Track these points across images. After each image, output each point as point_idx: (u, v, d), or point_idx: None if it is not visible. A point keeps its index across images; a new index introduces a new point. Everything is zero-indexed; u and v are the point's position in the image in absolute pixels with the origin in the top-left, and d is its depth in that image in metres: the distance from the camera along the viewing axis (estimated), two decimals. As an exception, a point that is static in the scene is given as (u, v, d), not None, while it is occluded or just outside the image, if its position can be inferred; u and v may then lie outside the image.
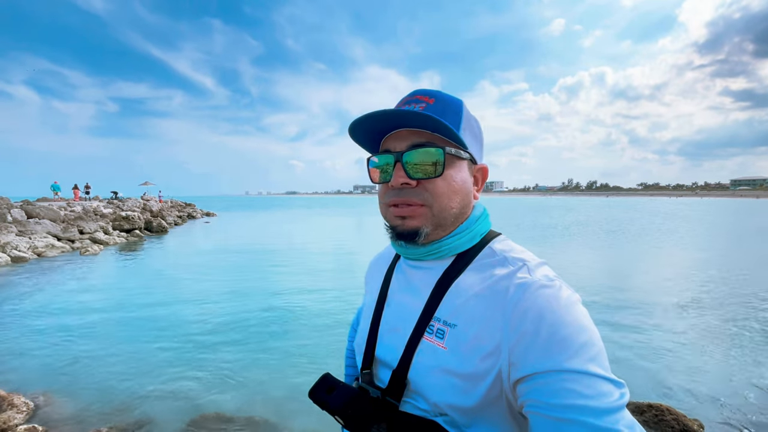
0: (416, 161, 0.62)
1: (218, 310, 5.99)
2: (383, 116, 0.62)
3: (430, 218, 0.64)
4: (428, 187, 0.63)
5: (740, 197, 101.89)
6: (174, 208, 29.04)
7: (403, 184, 0.63)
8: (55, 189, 24.80)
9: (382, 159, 0.66)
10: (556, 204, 60.84)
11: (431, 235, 0.65)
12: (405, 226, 0.64)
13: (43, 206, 14.75)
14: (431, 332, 0.62)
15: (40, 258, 10.65)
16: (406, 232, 0.64)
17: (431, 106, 0.64)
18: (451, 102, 0.66)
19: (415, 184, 0.63)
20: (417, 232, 0.64)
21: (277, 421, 3.13)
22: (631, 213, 33.74)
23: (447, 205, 0.64)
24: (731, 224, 22.37)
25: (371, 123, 0.64)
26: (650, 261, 10.37)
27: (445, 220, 0.65)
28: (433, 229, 0.65)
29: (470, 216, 0.69)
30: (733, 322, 5.36)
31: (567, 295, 0.55)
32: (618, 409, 0.47)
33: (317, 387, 0.67)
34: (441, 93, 0.67)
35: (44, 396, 3.46)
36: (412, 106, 0.64)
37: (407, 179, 0.62)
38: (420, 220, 0.64)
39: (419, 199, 0.63)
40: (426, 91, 0.67)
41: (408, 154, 0.62)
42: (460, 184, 0.65)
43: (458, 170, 0.65)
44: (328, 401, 0.64)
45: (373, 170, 0.69)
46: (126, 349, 4.52)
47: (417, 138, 0.63)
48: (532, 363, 0.51)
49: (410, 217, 0.64)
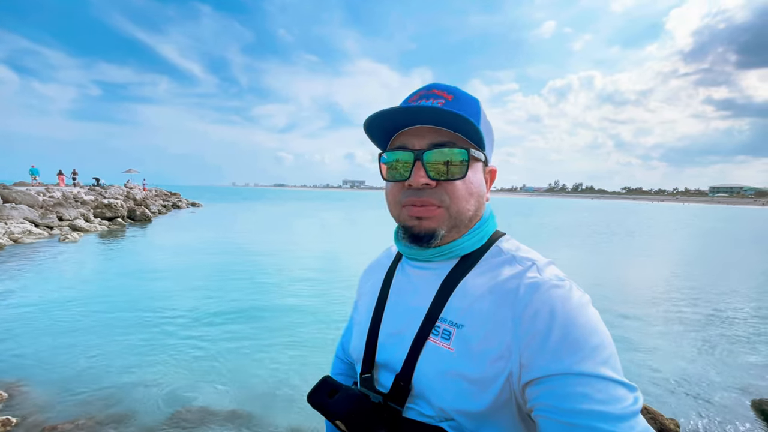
0: (438, 161, 0.59)
1: (202, 303, 5.89)
2: (406, 112, 0.59)
3: (446, 220, 0.62)
4: (448, 189, 0.60)
5: (718, 203, 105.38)
6: (158, 197, 28.42)
7: (424, 184, 0.60)
8: (34, 173, 24.01)
9: (398, 156, 0.62)
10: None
11: (447, 236, 0.63)
12: (422, 227, 0.62)
13: (20, 191, 14.23)
14: (437, 334, 0.59)
15: (17, 244, 10.30)
16: (422, 233, 0.62)
17: (450, 102, 0.61)
18: (470, 100, 0.63)
19: (434, 184, 0.60)
20: (433, 234, 0.61)
21: (260, 415, 3.10)
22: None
23: (464, 207, 0.62)
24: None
25: (388, 118, 0.61)
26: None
27: (460, 222, 0.63)
28: (448, 231, 0.63)
29: (481, 218, 0.67)
30: (708, 321, 5.54)
31: (578, 295, 0.53)
32: (632, 416, 0.46)
33: (317, 390, 0.63)
34: (459, 90, 0.64)
35: (19, 386, 3.35)
36: (430, 102, 0.61)
37: (428, 179, 0.59)
38: (436, 221, 0.61)
39: (438, 201, 0.61)
40: (443, 86, 0.64)
41: (429, 153, 0.59)
42: (476, 186, 0.63)
43: (475, 172, 0.63)
44: (330, 406, 0.61)
45: (384, 167, 0.66)
46: (106, 340, 4.41)
47: (438, 136, 0.60)
48: (544, 365, 0.49)
49: (427, 218, 0.61)
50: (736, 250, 14.06)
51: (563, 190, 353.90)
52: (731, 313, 6.05)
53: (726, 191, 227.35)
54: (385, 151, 0.65)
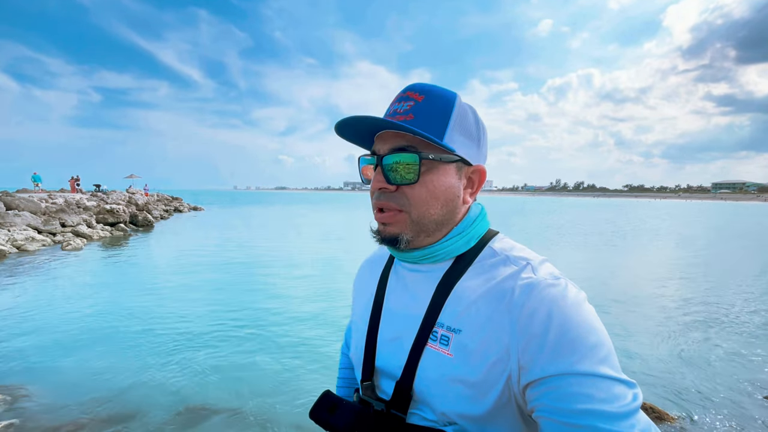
0: (394, 166, 0.60)
1: (205, 305, 5.91)
2: (358, 122, 0.60)
3: (409, 225, 0.62)
4: (406, 193, 0.61)
5: (721, 200, 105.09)
6: (160, 201, 28.52)
7: (381, 188, 0.62)
8: (36, 180, 24.11)
9: (366, 160, 0.66)
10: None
11: (415, 241, 0.63)
12: (385, 232, 0.63)
13: (23, 197, 14.30)
14: (435, 339, 0.59)
15: (20, 252, 10.33)
16: (387, 237, 0.63)
17: (419, 104, 0.61)
18: (442, 99, 0.62)
19: (394, 189, 0.61)
20: (397, 239, 0.62)
21: (262, 414, 3.11)
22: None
23: (426, 211, 0.61)
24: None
25: (356, 125, 0.62)
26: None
27: (425, 227, 0.62)
28: (414, 235, 0.63)
29: (465, 218, 0.66)
30: (699, 314, 5.53)
31: (574, 293, 0.53)
32: (632, 413, 0.46)
33: (318, 406, 0.64)
34: (434, 89, 0.63)
35: (22, 389, 3.36)
36: (402, 104, 0.62)
37: (385, 184, 0.61)
38: (399, 226, 0.62)
39: (397, 204, 0.61)
40: (418, 87, 0.63)
41: (387, 158, 0.61)
42: (441, 189, 0.61)
43: (441, 175, 0.61)
44: (331, 422, 0.61)
45: (363, 169, 0.68)
46: (109, 343, 4.43)
47: (399, 141, 0.60)
48: (543, 366, 0.49)
49: (390, 224, 0.63)
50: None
51: (565, 189, 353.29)
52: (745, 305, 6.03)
53: (728, 187, 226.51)
54: (365, 155, 0.67)
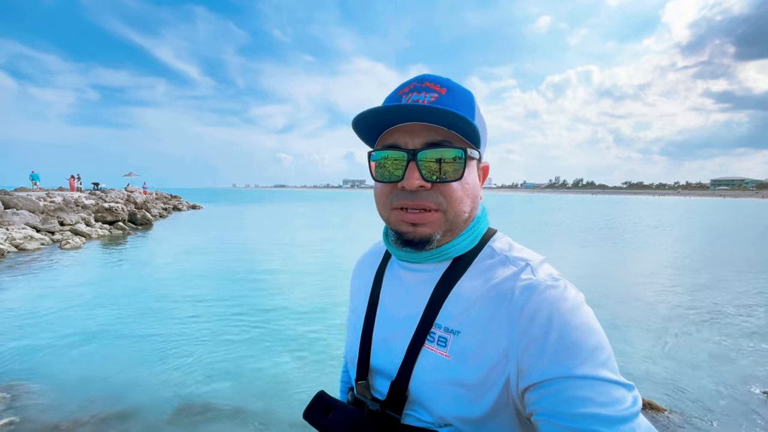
0: (433, 161, 0.56)
1: (205, 304, 5.91)
2: (397, 109, 0.55)
3: (442, 224, 0.59)
4: (444, 191, 0.57)
5: (720, 197, 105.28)
6: (159, 200, 28.46)
7: (420, 186, 0.56)
8: (34, 179, 24.03)
9: (389, 155, 0.59)
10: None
11: (441, 241, 0.61)
12: (416, 233, 0.59)
13: (21, 196, 14.26)
14: (432, 340, 0.58)
15: (19, 251, 10.31)
16: (417, 240, 0.59)
17: (443, 97, 0.57)
18: (464, 94, 0.59)
19: (430, 186, 0.57)
20: (429, 240, 0.59)
21: (263, 411, 3.12)
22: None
23: (461, 209, 0.59)
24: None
25: (379, 115, 0.57)
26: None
27: (456, 225, 0.60)
28: (443, 235, 0.60)
29: (475, 217, 0.64)
30: (698, 309, 5.54)
31: (573, 295, 0.53)
32: (633, 417, 0.45)
33: (312, 408, 0.63)
34: (451, 82, 0.60)
35: (22, 387, 3.37)
36: (422, 96, 0.58)
37: (423, 181, 0.56)
38: (433, 226, 0.59)
39: (434, 203, 0.57)
40: (436, 78, 0.59)
41: (424, 153, 0.56)
42: (472, 186, 0.60)
43: (471, 172, 0.60)
44: (325, 424, 0.60)
45: (374, 165, 0.61)
46: (109, 342, 4.43)
47: (432, 135, 0.56)
48: (542, 370, 0.48)
49: (423, 224, 0.58)
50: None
51: (564, 186, 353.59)
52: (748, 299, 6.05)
53: (727, 184, 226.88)
54: (375, 150, 0.61)
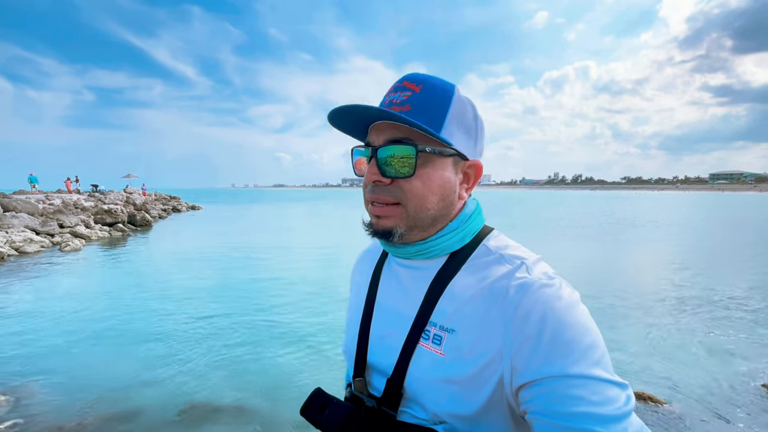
0: (389, 158, 0.58)
1: (206, 304, 5.94)
2: (354, 110, 0.59)
3: (404, 218, 0.60)
4: (403, 186, 0.59)
5: (719, 191, 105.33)
6: (158, 201, 28.43)
7: (375, 181, 0.60)
8: (33, 181, 23.98)
9: (361, 152, 0.64)
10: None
11: (408, 236, 0.62)
12: (379, 225, 0.62)
13: (20, 199, 14.24)
14: (427, 338, 0.59)
15: (20, 255, 10.31)
16: (380, 231, 0.62)
17: (416, 95, 0.59)
18: (440, 90, 0.60)
19: (389, 182, 0.60)
20: (390, 233, 0.61)
21: (265, 410, 3.14)
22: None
23: (422, 205, 0.60)
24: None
25: (351, 114, 0.60)
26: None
27: (421, 221, 0.61)
28: (407, 229, 0.61)
29: (461, 214, 0.65)
30: (697, 304, 5.57)
31: (568, 294, 0.53)
32: (626, 416, 0.46)
33: (308, 405, 0.64)
34: (432, 79, 0.61)
35: (26, 389, 3.38)
36: (397, 95, 0.60)
37: (379, 176, 0.59)
38: (393, 220, 0.61)
39: (392, 197, 0.60)
40: (415, 77, 0.61)
41: (382, 150, 0.59)
42: (438, 183, 0.60)
43: (438, 168, 0.60)
44: (321, 421, 0.62)
45: (357, 162, 0.66)
46: (112, 343, 4.45)
47: (395, 133, 0.59)
48: (536, 368, 0.49)
49: (384, 217, 0.61)
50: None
51: (563, 182, 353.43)
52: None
53: (726, 178, 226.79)
54: (358, 146, 0.65)
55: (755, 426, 2.86)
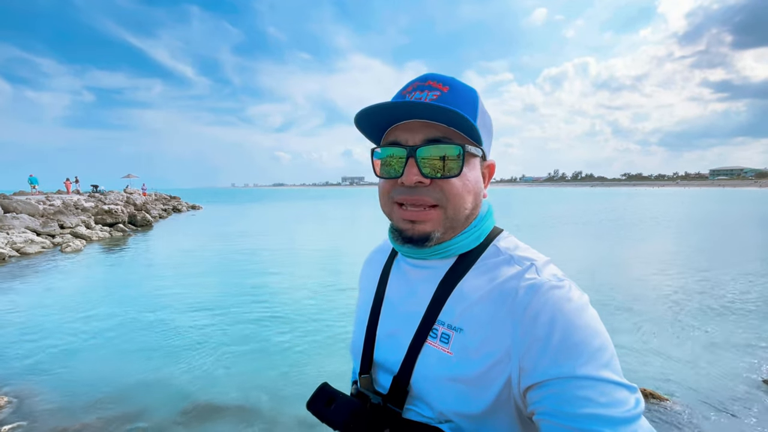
0: (432, 158, 0.57)
1: (207, 303, 5.94)
2: (397, 107, 0.56)
3: (442, 221, 0.59)
4: (443, 187, 0.58)
5: (719, 187, 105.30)
6: (158, 201, 28.44)
7: (418, 182, 0.58)
8: (33, 182, 24.01)
9: (391, 152, 0.60)
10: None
11: (442, 237, 0.61)
12: (415, 230, 0.60)
13: (20, 200, 14.25)
14: (435, 337, 0.58)
15: (21, 256, 10.32)
16: (416, 237, 0.60)
17: (446, 95, 0.58)
18: (467, 92, 0.60)
19: (428, 182, 0.58)
20: (428, 237, 0.60)
21: (268, 409, 3.14)
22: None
23: (461, 206, 0.59)
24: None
25: (380, 113, 0.59)
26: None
27: (457, 222, 0.61)
28: (444, 231, 0.61)
29: (478, 215, 0.65)
30: (697, 301, 5.58)
31: (577, 296, 0.53)
32: (635, 418, 0.45)
33: (315, 399, 0.64)
34: (455, 81, 0.61)
35: (27, 391, 3.39)
36: (424, 94, 0.59)
37: (421, 177, 0.57)
38: (432, 224, 0.59)
39: (432, 199, 0.58)
40: (439, 77, 0.61)
41: (423, 150, 0.57)
42: (473, 183, 0.60)
43: (472, 168, 0.60)
44: (328, 415, 0.62)
45: (377, 163, 0.63)
46: (114, 344, 4.46)
47: (432, 132, 0.57)
48: (545, 369, 0.48)
49: (421, 222, 0.59)
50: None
51: (563, 179, 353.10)
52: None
53: (726, 174, 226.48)
54: (378, 147, 0.63)
55: (757, 421, 2.87)
